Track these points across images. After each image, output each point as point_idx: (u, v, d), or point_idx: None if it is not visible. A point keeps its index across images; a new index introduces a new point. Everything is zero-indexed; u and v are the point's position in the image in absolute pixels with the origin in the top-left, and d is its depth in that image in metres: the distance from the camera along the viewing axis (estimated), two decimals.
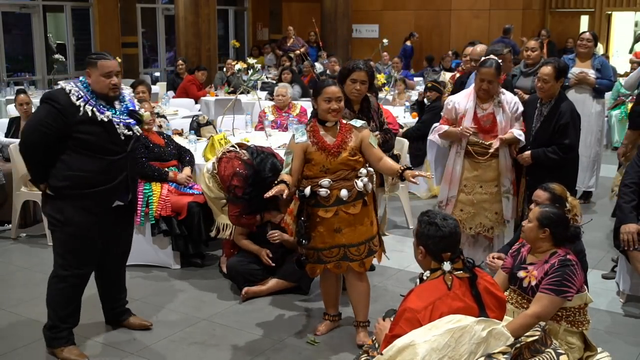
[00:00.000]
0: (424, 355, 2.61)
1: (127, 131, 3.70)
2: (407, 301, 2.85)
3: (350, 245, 3.77)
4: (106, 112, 3.62)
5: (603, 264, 5.18)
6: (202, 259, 5.30)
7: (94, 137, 3.60)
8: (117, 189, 3.75)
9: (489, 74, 4.53)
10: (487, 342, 2.71)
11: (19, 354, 3.86)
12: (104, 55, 3.70)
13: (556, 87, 4.67)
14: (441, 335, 2.65)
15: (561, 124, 4.59)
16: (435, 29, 16.02)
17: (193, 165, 5.45)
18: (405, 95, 9.46)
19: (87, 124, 3.57)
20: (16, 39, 12.95)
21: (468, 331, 2.68)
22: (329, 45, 14.91)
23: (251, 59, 6.99)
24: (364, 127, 3.82)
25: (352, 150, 3.73)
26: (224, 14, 16.71)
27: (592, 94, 6.58)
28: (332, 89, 3.74)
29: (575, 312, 3.32)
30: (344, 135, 3.75)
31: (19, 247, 5.67)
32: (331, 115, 3.73)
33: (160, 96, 9.89)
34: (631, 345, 3.98)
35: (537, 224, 3.33)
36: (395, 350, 2.67)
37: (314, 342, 3.99)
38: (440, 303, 2.77)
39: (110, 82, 3.63)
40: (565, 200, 3.70)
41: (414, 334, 2.68)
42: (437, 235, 2.88)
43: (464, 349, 2.66)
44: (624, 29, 16.14)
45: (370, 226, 3.83)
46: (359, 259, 3.80)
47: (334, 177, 3.71)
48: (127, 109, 3.77)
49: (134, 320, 4.17)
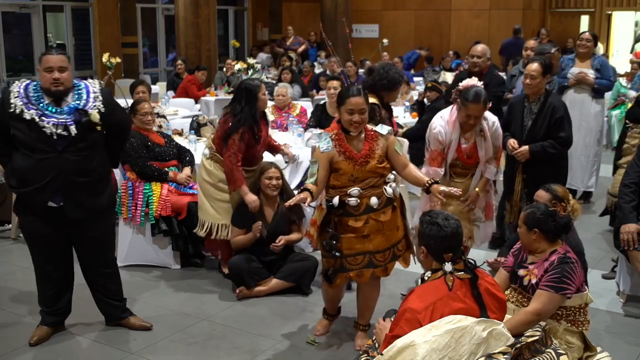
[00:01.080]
0: (424, 356, 2.61)
1: (63, 131, 3.62)
2: (407, 301, 2.84)
3: (377, 252, 3.69)
4: (32, 110, 3.61)
5: (603, 264, 5.18)
6: (202, 259, 5.30)
7: (22, 134, 3.64)
8: (45, 190, 3.67)
9: (477, 110, 4.17)
10: (487, 343, 2.72)
11: (19, 354, 3.86)
12: (51, 51, 3.77)
13: (543, 83, 4.82)
14: (441, 335, 2.65)
15: (556, 118, 4.72)
16: (435, 29, 16.01)
17: (193, 165, 5.45)
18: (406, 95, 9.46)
19: (17, 120, 3.63)
20: (16, 39, 12.95)
21: (468, 331, 2.68)
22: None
23: (251, 59, 7.00)
24: (390, 133, 3.74)
25: (379, 157, 3.66)
26: (224, 14, 16.72)
27: (592, 94, 6.58)
28: (355, 100, 3.59)
29: (575, 311, 3.33)
30: (371, 144, 3.66)
31: (19, 247, 5.66)
32: (353, 127, 3.64)
33: (160, 96, 9.90)
34: (631, 345, 3.98)
35: (525, 227, 3.35)
36: (395, 351, 2.67)
37: (314, 342, 3.99)
38: (441, 304, 2.77)
39: (51, 77, 3.62)
40: (567, 202, 3.71)
41: (414, 334, 2.68)
42: (439, 236, 2.87)
43: (464, 349, 2.66)
44: (624, 29, 16.13)
45: (397, 231, 3.75)
46: (383, 265, 3.73)
47: (363, 186, 3.63)
48: (74, 107, 3.67)
49: (134, 320, 4.17)
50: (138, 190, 5.07)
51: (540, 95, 4.82)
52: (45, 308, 4.04)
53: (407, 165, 3.77)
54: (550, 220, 3.32)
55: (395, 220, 3.74)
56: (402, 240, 3.80)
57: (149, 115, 5.22)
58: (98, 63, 12.11)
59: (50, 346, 3.94)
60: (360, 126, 3.64)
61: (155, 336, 4.06)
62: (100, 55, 9.78)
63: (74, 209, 3.75)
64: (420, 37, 16.00)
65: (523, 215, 3.40)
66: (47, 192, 3.68)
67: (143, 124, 5.21)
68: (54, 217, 3.76)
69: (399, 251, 3.79)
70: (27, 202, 3.77)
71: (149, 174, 5.11)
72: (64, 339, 4.04)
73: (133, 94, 6.51)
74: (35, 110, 3.62)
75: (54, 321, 4.06)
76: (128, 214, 5.09)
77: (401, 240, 3.79)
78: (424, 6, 16.10)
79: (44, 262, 3.92)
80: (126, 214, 5.10)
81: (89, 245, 3.94)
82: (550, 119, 4.74)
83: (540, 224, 3.31)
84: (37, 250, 3.91)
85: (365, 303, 3.91)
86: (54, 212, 3.75)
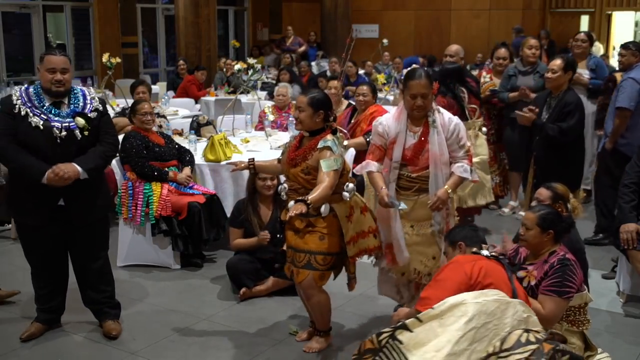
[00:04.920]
0: (474, 314, 2.76)
1: (67, 133, 3.67)
2: (450, 260, 3.13)
3: (294, 249, 3.67)
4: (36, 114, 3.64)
5: (603, 264, 5.18)
6: (202, 259, 5.30)
7: (29, 138, 3.65)
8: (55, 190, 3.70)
9: (420, 86, 3.70)
10: (526, 325, 2.86)
11: (19, 354, 3.86)
12: (53, 51, 3.76)
13: (564, 78, 5.09)
14: (490, 302, 2.81)
15: (564, 111, 4.99)
16: (435, 29, 16.01)
17: (193, 165, 5.45)
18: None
19: (23, 124, 3.64)
20: (16, 39, 12.94)
21: (512, 306, 2.85)
22: (328, 45, 14.91)
23: (251, 59, 6.99)
24: (325, 147, 3.51)
25: (307, 168, 3.56)
26: (224, 14, 16.71)
27: (587, 95, 6.58)
28: (299, 97, 3.66)
29: (575, 311, 3.33)
30: (306, 151, 3.59)
31: (19, 247, 5.58)
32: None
33: (160, 96, 9.89)
34: (631, 345, 3.98)
35: (538, 229, 3.30)
36: (447, 306, 2.81)
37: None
38: (483, 261, 3.00)
39: (54, 78, 3.65)
40: (567, 200, 3.71)
41: (465, 294, 2.85)
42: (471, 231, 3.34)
43: (507, 321, 2.81)
44: (624, 29, 16.13)
45: (320, 241, 3.58)
46: (298, 266, 3.64)
47: (289, 186, 3.70)
48: (73, 111, 3.73)
49: (107, 325, 4.05)
50: (138, 190, 5.07)
51: (561, 90, 5.08)
52: (40, 305, 4.08)
53: (320, 182, 3.45)
54: (561, 221, 3.35)
55: (318, 230, 3.59)
56: (324, 256, 3.60)
57: (148, 115, 5.22)
58: (98, 63, 12.10)
59: (50, 346, 3.95)
60: (299, 125, 3.65)
61: (155, 336, 4.06)
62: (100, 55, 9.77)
63: (76, 208, 3.80)
64: (420, 37, 16.00)
65: (534, 217, 3.32)
66: (57, 193, 3.71)
67: (143, 124, 5.21)
68: (53, 217, 3.79)
69: (317, 264, 3.60)
70: (29, 203, 3.77)
71: (149, 174, 5.11)
72: (64, 338, 4.04)
73: (133, 94, 6.52)
74: (40, 113, 3.66)
75: (48, 319, 4.09)
76: (128, 214, 5.09)
77: (322, 254, 3.60)
78: (424, 6, 16.10)
79: (39, 261, 3.98)
80: (126, 214, 5.10)
81: (83, 243, 3.95)
82: (560, 112, 4.99)
83: (555, 224, 3.30)
84: (32, 249, 3.95)
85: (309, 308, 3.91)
86: (54, 211, 3.78)
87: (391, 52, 12.91)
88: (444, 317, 2.79)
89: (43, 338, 4.01)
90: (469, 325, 2.75)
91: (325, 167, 3.46)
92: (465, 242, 3.35)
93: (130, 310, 4.42)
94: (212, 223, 5.17)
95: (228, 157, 5.52)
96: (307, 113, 3.59)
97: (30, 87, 3.77)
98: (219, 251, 5.48)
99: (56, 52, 3.74)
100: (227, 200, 5.39)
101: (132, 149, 5.08)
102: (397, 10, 16.43)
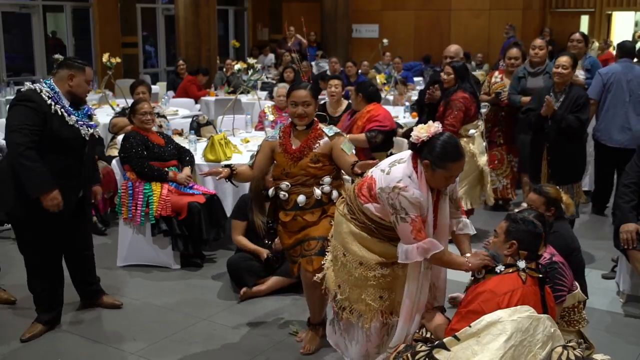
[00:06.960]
0: (512, 332, 2.76)
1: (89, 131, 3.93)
2: (484, 285, 2.96)
3: (309, 239, 3.65)
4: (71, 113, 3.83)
5: (603, 264, 5.18)
6: (202, 259, 5.30)
7: (62, 135, 3.80)
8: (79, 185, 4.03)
9: (460, 166, 3.05)
10: (553, 340, 2.86)
11: (19, 354, 3.86)
12: (87, 63, 4.02)
13: (572, 74, 5.27)
14: (524, 319, 2.80)
15: (580, 102, 5.17)
16: (435, 29, 16.01)
17: (193, 165, 5.45)
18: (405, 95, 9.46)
19: (58, 122, 3.78)
20: (16, 39, 12.95)
21: (542, 322, 2.85)
22: (328, 45, 14.91)
23: (251, 59, 7.00)
24: (338, 134, 3.68)
25: (315, 157, 3.62)
26: (224, 14, 16.72)
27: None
28: (299, 92, 3.65)
29: (570, 311, 3.37)
30: (309, 141, 3.65)
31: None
32: (297, 119, 3.67)
33: (160, 96, 9.89)
34: (631, 345, 3.98)
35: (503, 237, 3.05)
36: (484, 324, 2.81)
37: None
38: (519, 291, 2.91)
39: (88, 89, 4.01)
40: (559, 202, 3.72)
41: (500, 312, 2.82)
42: (532, 232, 3.01)
43: (538, 337, 2.81)
44: (624, 29, 16.13)
45: (330, 225, 3.56)
46: (309, 255, 3.63)
47: (293, 182, 3.66)
48: (86, 112, 4.02)
49: (106, 299, 4.43)
50: (138, 190, 5.07)
51: (566, 86, 5.21)
52: (40, 307, 4.09)
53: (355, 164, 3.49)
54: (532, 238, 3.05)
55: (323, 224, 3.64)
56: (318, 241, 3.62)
57: (148, 115, 5.22)
58: (98, 63, 12.10)
59: (50, 346, 3.95)
60: (304, 119, 3.66)
61: (155, 336, 4.07)
62: (100, 55, 9.78)
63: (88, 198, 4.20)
64: (420, 37, 16.00)
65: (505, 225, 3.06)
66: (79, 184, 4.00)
67: (143, 124, 5.21)
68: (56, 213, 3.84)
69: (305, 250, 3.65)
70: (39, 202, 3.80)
71: (149, 174, 5.11)
72: (64, 338, 4.04)
73: (133, 94, 6.51)
74: (72, 113, 3.85)
75: (49, 319, 4.10)
76: (128, 214, 5.09)
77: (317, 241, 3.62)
78: (424, 6, 16.10)
79: (44, 258, 4.04)
80: (126, 214, 5.10)
81: (79, 232, 4.20)
82: (574, 104, 5.12)
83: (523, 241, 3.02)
84: (39, 246, 4.00)
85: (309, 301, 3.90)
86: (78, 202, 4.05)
87: (391, 52, 12.92)
88: (481, 335, 2.80)
89: (43, 338, 4.02)
90: (508, 344, 2.75)
91: (348, 149, 3.63)
92: (520, 243, 3.01)
93: (130, 310, 4.42)
94: (212, 223, 5.17)
95: (228, 157, 5.52)
96: (314, 106, 3.68)
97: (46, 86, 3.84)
98: (219, 251, 5.48)
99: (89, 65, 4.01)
100: (227, 200, 5.40)
101: (132, 149, 5.08)
102: (397, 10, 16.44)
